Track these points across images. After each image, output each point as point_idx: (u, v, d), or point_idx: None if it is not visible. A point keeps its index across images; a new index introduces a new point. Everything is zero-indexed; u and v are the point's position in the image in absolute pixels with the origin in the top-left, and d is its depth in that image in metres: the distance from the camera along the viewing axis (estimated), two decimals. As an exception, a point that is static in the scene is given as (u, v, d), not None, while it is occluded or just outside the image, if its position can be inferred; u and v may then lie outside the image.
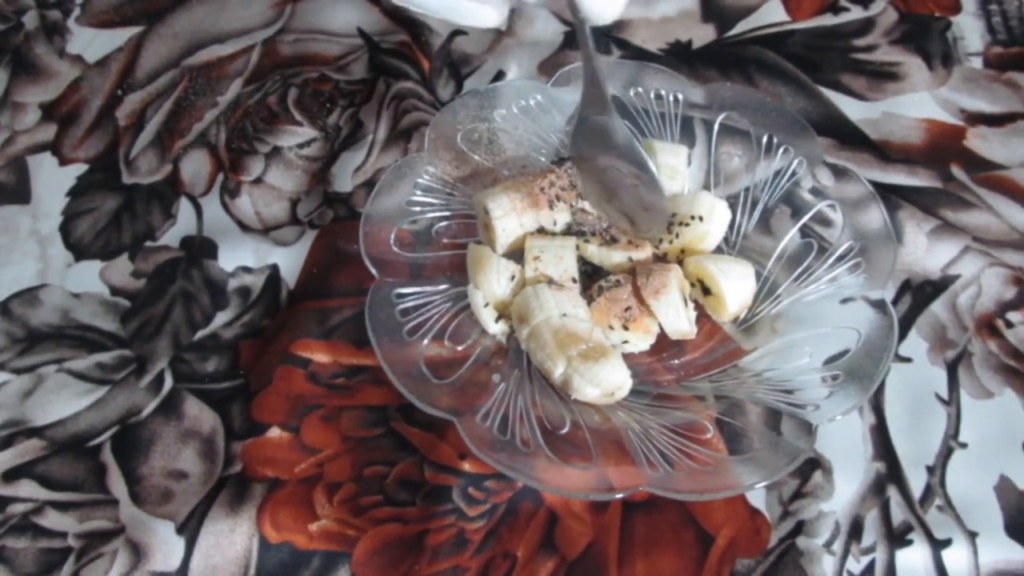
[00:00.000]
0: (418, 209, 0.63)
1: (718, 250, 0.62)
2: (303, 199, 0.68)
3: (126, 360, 0.61)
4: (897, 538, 0.53)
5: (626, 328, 0.57)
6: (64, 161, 0.72)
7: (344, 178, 0.69)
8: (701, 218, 0.60)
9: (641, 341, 0.58)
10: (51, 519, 0.56)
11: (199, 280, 0.65)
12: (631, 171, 0.56)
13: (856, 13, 0.78)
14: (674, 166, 0.63)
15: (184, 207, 0.69)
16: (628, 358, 0.57)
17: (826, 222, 0.62)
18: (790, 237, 0.62)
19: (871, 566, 0.53)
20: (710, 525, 0.54)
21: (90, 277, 0.65)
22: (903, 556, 0.53)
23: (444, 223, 0.63)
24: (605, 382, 0.54)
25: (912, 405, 0.58)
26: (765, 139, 0.65)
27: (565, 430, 0.54)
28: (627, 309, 0.57)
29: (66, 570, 0.54)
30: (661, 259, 0.61)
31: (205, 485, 0.56)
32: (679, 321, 0.58)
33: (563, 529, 0.54)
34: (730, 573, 0.53)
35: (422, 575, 0.53)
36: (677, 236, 0.60)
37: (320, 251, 0.65)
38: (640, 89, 0.68)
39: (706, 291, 0.59)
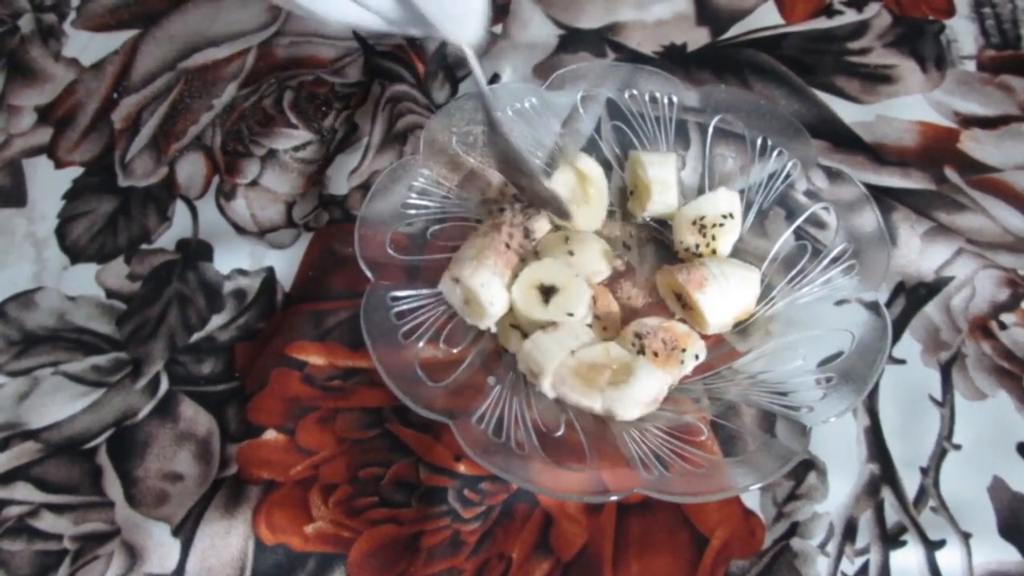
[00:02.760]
0: (413, 212, 0.63)
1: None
2: (298, 202, 0.69)
3: (122, 363, 0.61)
4: (891, 539, 0.53)
5: (684, 350, 0.57)
6: (60, 164, 0.72)
7: (339, 181, 0.69)
8: (732, 215, 0.61)
9: (697, 343, 0.57)
10: (47, 522, 0.56)
11: (195, 283, 0.65)
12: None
13: (850, 16, 0.78)
14: (664, 179, 0.62)
15: (180, 210, 0.69)
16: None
17: (820, 224, 0.62)
18: (784, 239, 0.62)
19: (865, 567, 0.53)
20: (704, 526, 0.54)
21: (86, 280, 0.65)
22: (897, 557, 0.53)
23: (439, 226, 0.63)
24: (644, 397, 0.53)
25: (906, 406, 0.58)
26: (759, 142, 0.65)
27: (560, 432, 0.54)
28: (663, 342, 0.57)
29: (62, 572, 0.54)
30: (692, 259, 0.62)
31: (201, 487, 0.56)
32: (723, 312, 0.58)
33: (558, 531, 0.54)
34: (724, 574, 0.53)
35: (417, 577, 0.53)
36: (713, 238, 0.61)
37: (315, 254, 0.66)
38: (635, 92, 0.68)
39: (684, 304, 0.59)
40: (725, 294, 0.57)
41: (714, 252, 0.61)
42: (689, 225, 0.61)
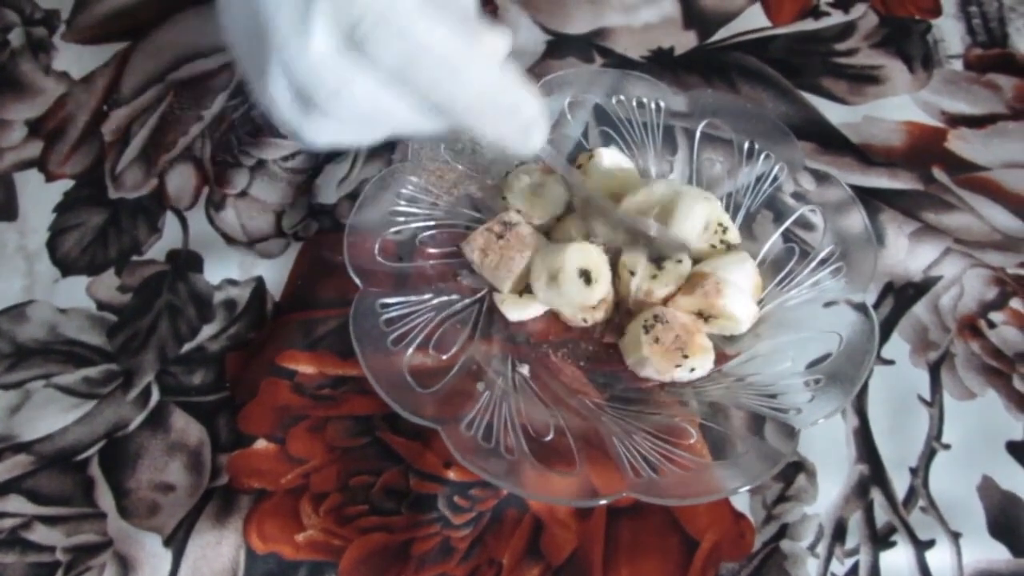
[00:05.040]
0: (402, 219, 0.63)
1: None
2: (288, 211, 0.69)
3: (113, 374, 0.62)
4: (881, 540, 0.53)
5: (687, 357, 0.56)
6: (50, 177, 0.72)
7: (328, 190, 0.69)
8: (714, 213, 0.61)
9: (705, 361, 0.57)
10: (39, 533, 0.56)
11: (185, 293, 0.65)
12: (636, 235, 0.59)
13: (837, 17, 0.79)
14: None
15: (170, 221, 0.69)
16: (613, 365, 0.58)
17: (808, 226, 0.62)
18: (772, 242, 0.62)
19: (855, 568, 0.53)
20: (694, 529, 0.54)
21: (77, 292, 0.66)
22: (887, 558, 0.53)
23: (428, 232, 0.63)
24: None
25: (895, 407, 0.58)
26: (747, 145, 0.65)
27: (549, 437, 0.54)
28: (676, 338, 0.56)
29: (54, 585, 0.54)
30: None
31: (192, 497, 0.56)
32: (747, 302, 0.58)
33: (548, 536, 0.54)
34: (715, 577, 0.53)
35: (408, 584, 0.53)
36: (724, 231, 0.61)
37: (305, 263, 0.66)
38: (622, 97, 0.68)
39: (707, 318, 0.59)
40: (739, 286, 0.57)
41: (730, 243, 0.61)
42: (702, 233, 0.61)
